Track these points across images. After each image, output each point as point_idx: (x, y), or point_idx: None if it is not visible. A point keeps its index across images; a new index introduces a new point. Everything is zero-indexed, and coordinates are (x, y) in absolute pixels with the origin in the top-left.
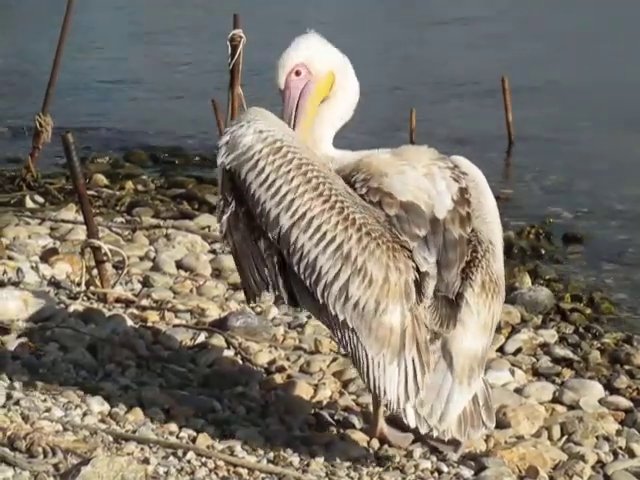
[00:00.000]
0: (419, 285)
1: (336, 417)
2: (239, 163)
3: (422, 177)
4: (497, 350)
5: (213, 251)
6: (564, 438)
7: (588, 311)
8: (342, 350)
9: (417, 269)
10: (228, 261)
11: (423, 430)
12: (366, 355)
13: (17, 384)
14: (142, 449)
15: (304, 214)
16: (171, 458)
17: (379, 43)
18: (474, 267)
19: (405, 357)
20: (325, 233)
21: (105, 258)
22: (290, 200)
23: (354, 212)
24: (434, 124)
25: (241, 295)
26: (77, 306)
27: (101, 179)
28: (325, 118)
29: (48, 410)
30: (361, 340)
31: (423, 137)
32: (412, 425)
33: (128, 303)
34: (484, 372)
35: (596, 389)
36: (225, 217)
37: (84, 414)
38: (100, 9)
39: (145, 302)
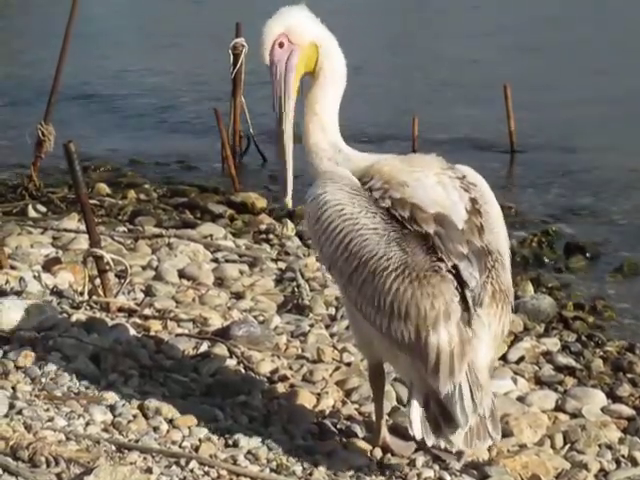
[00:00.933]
0: (466, 302)
1: (339, 426)
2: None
3: (436, 186)
4: (500, 358)
5: (215, 260)
6: (567, 446)
7: (590, 319)
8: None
9: (462, 286)
10: (230, 270)
11: (430, 442)
12: (424, 381)
13: (20, 393)
14: (145, 458)
15: (344, 272)
16: (174, 467)
17: (382, 50)
18: (486, 277)
19: (458, 377)
20: (363, 287)
21: (107, 267)
22: (335, 261)
23: (379, 260)
24: (436, 132)
25: (243, 304)
26: (80, 315)
27: (103, 188)
28: (324, 104)
29: (51, 419)
30: (420, 372)
31: (425, 145)
32: (418, 437)
33: (131, 312)
34: None
35: (599, 397)
36: None
37: (87, 423)
38: (102, 18)
39: (148, 311)
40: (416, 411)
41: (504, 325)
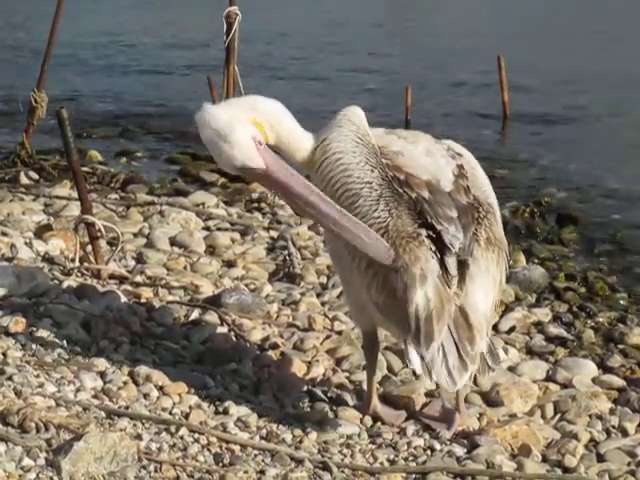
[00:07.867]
0: (444, 265)
1: (329, 394)
2: None
3: (425, 155)
4: (491, 328)
5: (207, 228)
6: (557, 417)
7: (582, 290)
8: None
9: (442, 251)
10: (222, 238)
11: (429, 380)
12: (407, 345)
13: (10, 359)
14: (135, 425)
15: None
16: (164, 434)
17: (377, 22)
18: (478, 225)
19: (438, 340)
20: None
21: (99, 234)
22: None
23: (362, 219)
24: (430, 103)
25: (234, 272)
26: (71, 282)
27: (95, 155)
28: (292, 144)
29: (41, 386)
30: (403, 336)
31: (418, 115)
32: (418, 372)
33: (122, 279)
34: None
35: (589, 368)
36: None
37: (77, 390)
38: None
39: (139, 278)
40: (414, 352)
41: (502, 270)
